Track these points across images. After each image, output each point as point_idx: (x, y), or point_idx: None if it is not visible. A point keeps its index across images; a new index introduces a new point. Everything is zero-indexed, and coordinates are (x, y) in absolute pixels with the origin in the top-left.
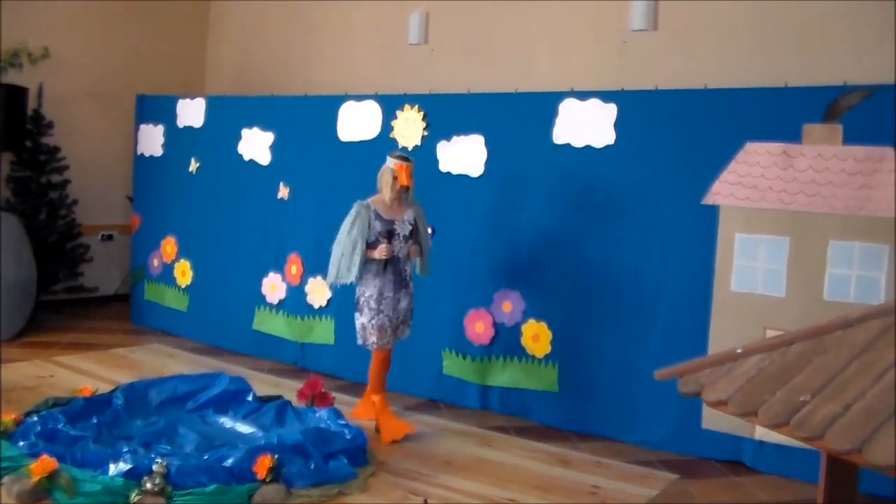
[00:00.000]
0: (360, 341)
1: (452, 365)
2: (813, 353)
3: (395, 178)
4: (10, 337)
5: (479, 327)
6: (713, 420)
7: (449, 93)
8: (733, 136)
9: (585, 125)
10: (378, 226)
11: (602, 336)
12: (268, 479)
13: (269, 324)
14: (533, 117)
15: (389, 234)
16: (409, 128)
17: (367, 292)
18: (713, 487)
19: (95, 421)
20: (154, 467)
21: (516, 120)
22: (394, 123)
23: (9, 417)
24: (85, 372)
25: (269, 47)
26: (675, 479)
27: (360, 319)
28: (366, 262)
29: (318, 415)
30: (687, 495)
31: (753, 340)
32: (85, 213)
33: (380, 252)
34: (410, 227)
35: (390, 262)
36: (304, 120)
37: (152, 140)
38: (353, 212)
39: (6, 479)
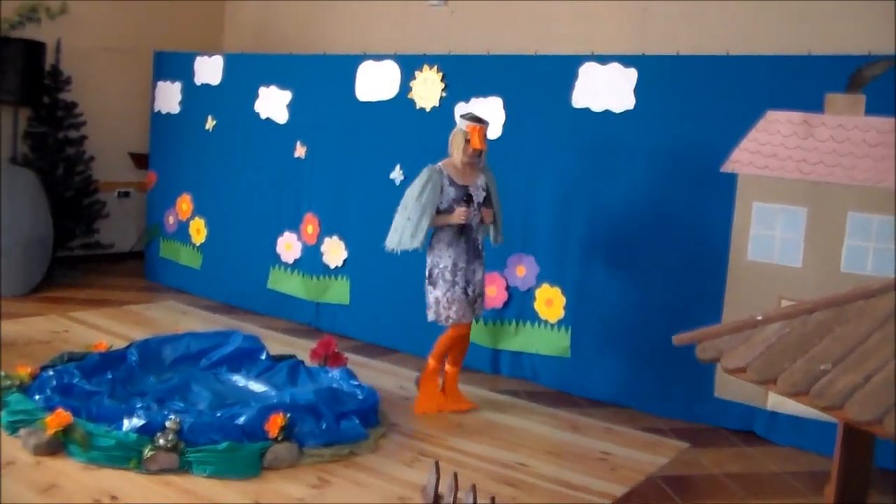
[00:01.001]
0: (431, 317)
1: None
2: (834, 321)
3: (467, 141)
4: (27, 292)
5: (492, 291)
6: (726, 389)
7: (468, 54)
8: (754, 104)
9: (605, 90)
10: (452, 192)
11: (616, 302)
12: (279, 438)
13: (284, 283)
14: (552, 81)
15: (467, 201)
16: (428, 89)
17: (442, 263)
18: (724, 457)
19: (110, 376)
20: (167, 424)
21: (535, 83)
22: (412, 84)
23: (25, 371)
24: (100, 328)
25: (287, 5)
26: (685, 447)
27: (434, 293)
28: (436, 231)
29: (330, 375)
30: (697, 464)
31: (771, 309)
32: (102, 170)
33: (458, 216)
34: (484, 194)
35: (464, 231)
36: (322, 79)
37: (169, 97)
38: (423, 176)
39: (23, 431)
